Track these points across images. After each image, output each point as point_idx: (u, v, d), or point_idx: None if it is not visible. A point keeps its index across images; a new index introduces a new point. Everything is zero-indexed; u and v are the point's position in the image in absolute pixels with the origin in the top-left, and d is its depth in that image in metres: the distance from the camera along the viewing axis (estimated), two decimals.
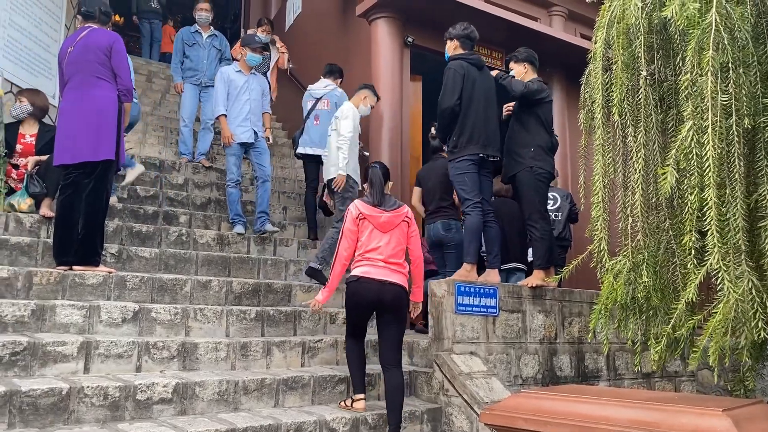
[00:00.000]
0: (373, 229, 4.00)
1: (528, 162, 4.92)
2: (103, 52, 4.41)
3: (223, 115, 5.96)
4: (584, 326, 5.22)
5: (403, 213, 4.08)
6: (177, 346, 3.83)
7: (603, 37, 3.25)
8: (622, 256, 3.17)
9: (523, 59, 5.21)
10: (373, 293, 3.89)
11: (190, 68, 7.28)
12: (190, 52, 7.31)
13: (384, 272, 3.92)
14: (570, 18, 7.96)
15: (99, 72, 4.38)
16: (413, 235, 4.11)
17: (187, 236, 5.44)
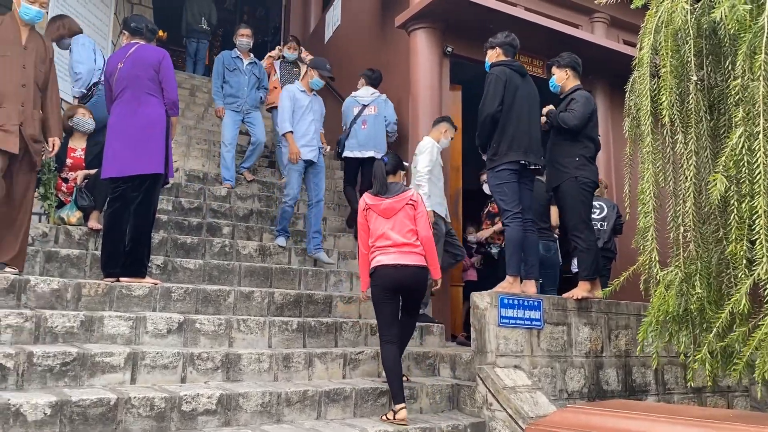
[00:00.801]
0: (377, 216, 4.20)
1: (573, 172, 4.82)
2: (152, 67, 4.51)
3: (290, 132, 5.92)
4: (631, 339, 5.09)
5: (406, 197, 4.21)
6: (221, 357, 3.86)
7: (650, 42, 3.17)
8: (674, 267, 3.06)
9: (565, 64, 5.12)
10: (391, 278, 4.03)
11: (231, 95, 7.19)
12: (230, 77, 7.24)
13: (395, 256, 4.06)
14: (612, 24, 7.82)
15: (148, 87, 4.48)
16: (419, 217, 4.21)
17: (230, 247, 5.50)
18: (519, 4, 7.06)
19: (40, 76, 4.22)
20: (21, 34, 4.15)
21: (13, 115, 3.98)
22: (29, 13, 4.16)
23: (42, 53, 4.25)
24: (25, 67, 4.10)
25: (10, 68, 4.04)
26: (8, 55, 4.05)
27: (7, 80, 4.01)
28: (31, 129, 4.09)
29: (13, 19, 4.16)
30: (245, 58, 7.36)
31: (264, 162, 8.18)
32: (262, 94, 7.45)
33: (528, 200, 4.88)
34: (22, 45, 4.13)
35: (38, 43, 4.25)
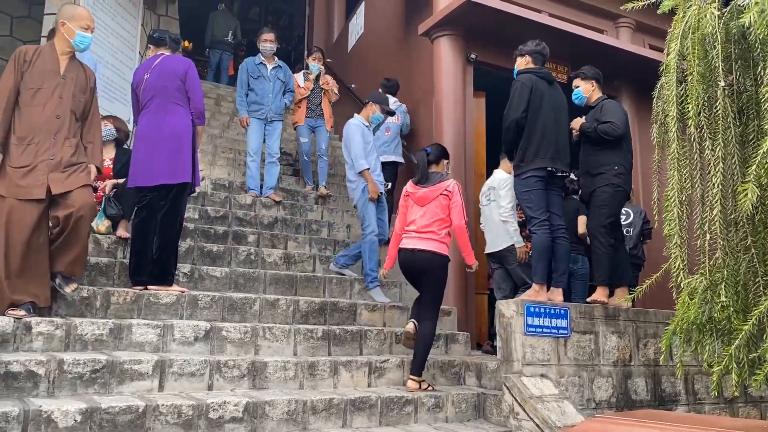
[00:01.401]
0: (413, 204, 4.59)
1: (611, 179, 4.80)
2: (179, 77, 4.58)
3: (368, 169, 5.66)
4: (660, 348, 5.00)
5: (441, 187, 4.51)
6: (247, 364, 3.89)
7: (677, 48, 3.12)
8: (699, 275, 3.01)
9: (591, 76, 5.14)
10: (407, 260, 4.50)
11: (255, 102, 7.06)
12: (255, 84, 7.10)
13: (414, 242, 4.47)
14: (638, 29, 7.75)
15: (175, 97, 4.55)
16: (453, 206, 4.50)
17: (256, 255, 5.54)
18: (543, 11, 7.03)
19: (79, 106, 3.97)
20: (60, 63, 3.93)
21: (43, 148, 3.75)
22: (85, 41, 3.99)
23: (82, 82, 4.01)
24: (61, 97, 3.86)
25: (45, 100, 3.80)
26: (44, 87, 3.82)
27: (40, 113, 3.78)
28: (66, 156, 3.83)
29: (53, 48, 3.95)
30: (269, 63, 7.23)
31: (288, 170, 8.24)
32: (287, 100, 7.32)
33: (558, 207, 4.85)
34: (60, 75, 3.90)
35: (78, 71, 4.02)
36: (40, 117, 3.77)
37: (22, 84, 3.78)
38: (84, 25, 3.96)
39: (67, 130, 3.86)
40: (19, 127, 3.75)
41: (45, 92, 3.81)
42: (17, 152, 3.71)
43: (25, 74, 3.80)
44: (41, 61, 3.86)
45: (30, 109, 3.76)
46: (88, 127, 4.08)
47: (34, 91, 3.78)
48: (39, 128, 3.76)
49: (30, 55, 3.85)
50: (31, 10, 8.02)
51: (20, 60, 3.81)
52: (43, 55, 3.89)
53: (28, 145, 3.73)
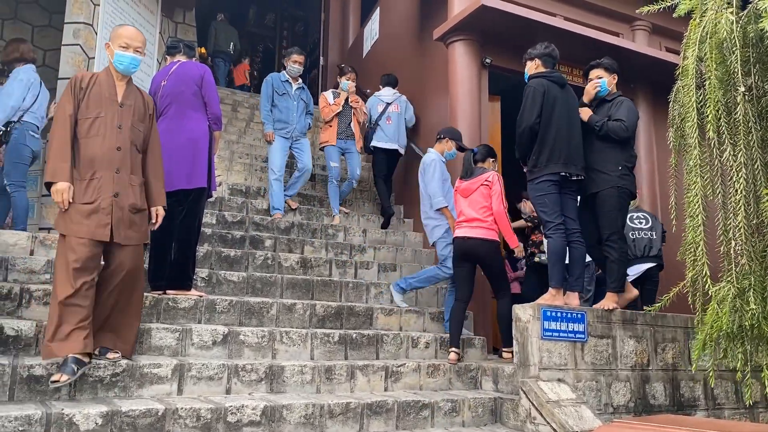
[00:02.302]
0: (459, 196, 5.19)
1: (616, 181, 4.74)
2: (195, 83, 4.63)
3: (446, 206, 5.55)
4: (678, 352, 4.97)
5: (482, 178, 5.08)
6: (264, 368, 3.92)
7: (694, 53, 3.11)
8: (726, 282, 2.98)
9: (615, 70, 5.06)
10: (460, 247, 5.04)
11: (280, 120, 6.84)
12: (280, 101, 6.88)
13: (465, 230, 5.04)
14: (654, 32, 7.70)
15: (192, 103, 4.60)
16: (493, 195, 5.05)
17: (272, 260, 5.57)
18: (558, 14, 7.02)
19: (139, 137, 3.69)
20: (117, 89, 3.63)
21: (107, 185, 3.45)
22: (123, 61, 3.63)
23: (141, 110, 3.71)
24: (121, 127, 3.56)
25: (104, 130, 3.50)
26: (102, 116, 3.52)
27: (100, 144, 3.47)
28: (130, 197, 3.54)
29: (108, 74, 3.66)
30: (294, 83, 7.01)
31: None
32: (309, 121, 7.17)
33: (572, 211, 4.83)
34: (117, 102, 3.60)
35: (137, 98, 3.72)
36: (100, 149, 3.47)
37: (79, 113, 3.50)
38: (122, 44, 3.62)
39: (129, 165, 3.57)
40: (80, 162, 3.46)
41: (103, 121, 3.52)
42: (80, 188, 3.42)
43: (81, 102, 3.52)
44: (98, 87, 3.58)
45: (89, 141, 3.48)
46: (149, 160, 3.77)
47: (92, 120, 3.50)
48: (100, 162, 3.46)
49: (86, 81, 3.57)
50: (51, 19, 8.14)
51: (76, 87, 3.54)
52: (100, 81, 3.61)
53: (91, 180, 3.44)
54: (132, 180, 3.58)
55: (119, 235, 3.45)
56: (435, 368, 4.60)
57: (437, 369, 4.61)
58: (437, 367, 4.61)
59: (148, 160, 3.76)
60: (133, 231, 3.55)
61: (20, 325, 3.56)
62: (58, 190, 3.34)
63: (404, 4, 8.39)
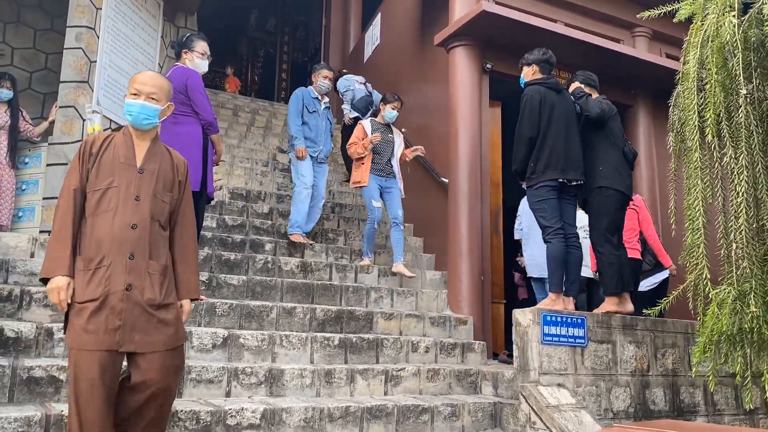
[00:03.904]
0: None
1: (597, 182, 4.79)
2: (180, 91, 4.45)
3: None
4: (678, 358, 4.97)
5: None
6: (264, 372, 3.91)
7: (696, 56, 3.12)
8: (727, 285, 2.98)
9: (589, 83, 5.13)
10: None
11: (309, 138, 6.39)
12: (309, 119, 6.44)
13: None
14: (654, 38, 7.72)
15: (179, 110, 4.42)
16: (642, 220, 5.78)
17: (273, 264, 5.57)
18: (559, 20, 7.04)
19: (163, 210, 2.82)
20: (135, 150, 2.83)
21: (117, 275, 2.63)
22: (132, 110, 2.81)
23: (167, 175, 2.88)
24: (139, 198, 2.74)
25: (117, 203, 2.70)
26: (115, 185, 2.72)
27: (110, 221, 2.67)
28: (147, 290, 2.68)
29: (127, 134, 2.87)
30: (322, 101, 6.62)
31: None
32: (331, 144, 6.83)
33: (570, 216, 4.84)
34: (136, 167, 2.79)
35: (163, 160, 2.89)
36: (109, 228, 2.66)
37: (88, 184, 2.74)
38: (133, 90, 2.84)
39: (148, 247, 2.73)
40: (85, 245, 2.67)
41: (116, 193, 2.72)
42: (83, 281, 2.62)
43: (91, 171, 2.75)
44: (111, 151, 2.79)
45: (97, 219, 2.69)
46: (178, 239, 2.91)
47: (102, 191, 2.71)
48: (109, 245, 2.65)
49: (98, 144, 2.80)
50: (53, 23, 8.16)
51: (85, 153, 2.78)
52: (115, 142, 2.83)
53: (97, 269, 2.62)
54: (150, 267, 2.72)
55: (133, 340, 2.61)
56: (435, 373, 4.59)
57: (437, 373, 4.60)
58: (437, 371, 4.61)
59: (176, 238, 2.90)
60: (157, 334, 2.67)
61: (20, 327, 3.56)
62: (53, 288, 2.59)
63: (405, 10, 8.42)
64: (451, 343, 5.12)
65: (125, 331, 2.60)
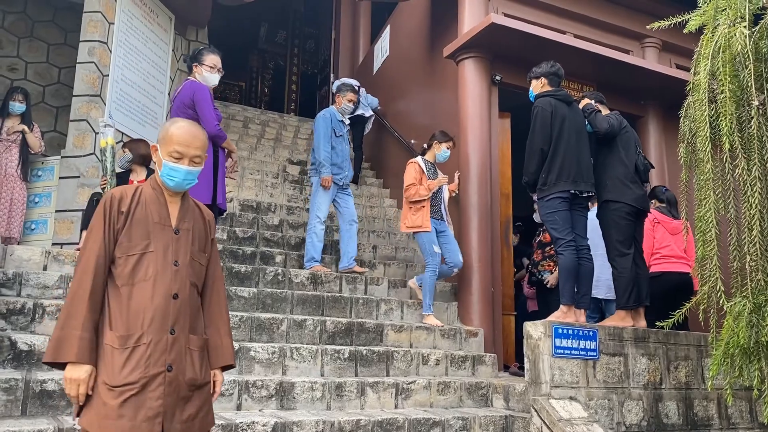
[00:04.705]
0: (666, 232, 5.64)
1: (604, 196, 4.83)
2: (188, 106, 4.51)
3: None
4: (691, 371, 4.92)
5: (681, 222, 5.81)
6: (275, 385, 3.90)
7: (706, 67, 3.11)
8: (742, 297, 2.96)
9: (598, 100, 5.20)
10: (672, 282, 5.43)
11: (335, 164, 6.16)
12: (336, 143, 6.19)
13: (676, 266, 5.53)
14: (664, 49, 7.71)
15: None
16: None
17: (283, 276, 5.58)
18: (568, 32, 7.05)
19: (200, 274, 2.49)
20: (169, 208, 2.44)
21: (157, 354, 2.24)
22: (175, 176, 2.40)
23: (201, 234, 2.52)
24: (177, 263, 2.37)
25: (156, 270, 2.32)
26: (152, 250, 2.34)
27: (150, 292, 2.29)
28: (188, 369, 2.32)
29: (157, 188, 2.46)
30: (345, 123, 6.44)
31: None
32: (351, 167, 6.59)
33: (582, 228, 4.83)
34: (171, 227, 2.42)
35: (195, 217, 2.52)
36: (149, 300, 2.29)
37: (118, 248, 2.33)
38: (174, 152, 2.40)
39: (188, 319, 2.37)
40: (118, 319, 2.26)
41: (153, 258, 2.34)
42: (118, 361, 2.21)
43: (121, 233, 2.34)
44: (142, 209, 2.39)
45: (134, 289, 2.30)
46: (210, 298, 2.54)
47: (137, 257, 2.33)
48: (149, 318, 2.27)
49: (127, 201, 2.39)
50: (66, 38, 8.27)
51: (113, 211, 2.36)
52: (145, 199, 2.42)
53: (135, 348, 2.24)
54: (191, 342, 2.37)
55: (174, 428, 2.28)
56: (446, 385, 4.57)
57: (448, 386, 4.58)
58: (448, 384, 4.58)
59: (207, 299, 2.54)
60: (197, 420, 2.36)
61: (33, 340, 3.57)
62: (74, 379, 2.15)
63: (414, 23, 8.46)
64: (461, 356, 5.10)
65: (166, 418, 2.23)
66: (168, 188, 2.43)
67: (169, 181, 2.41)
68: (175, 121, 2.49)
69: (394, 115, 8.89)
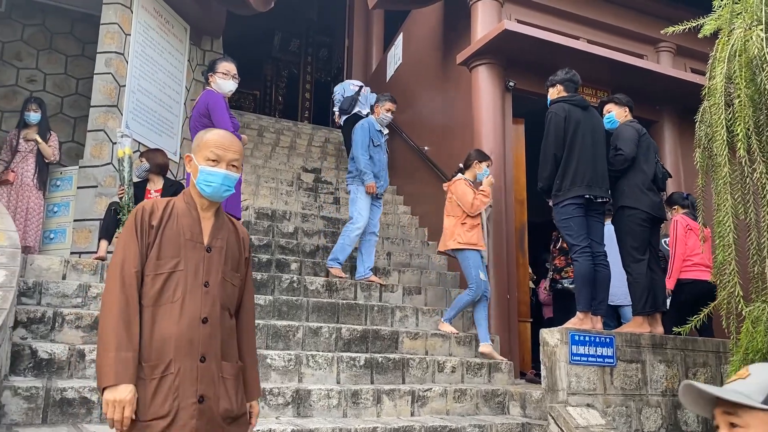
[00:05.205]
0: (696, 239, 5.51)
1: (620, 201, 4.83)
2: (203, 114, 4.60)
3: None
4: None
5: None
6: (291, 392, 3.92)
7: (722, 71, 3.10)
8: (761, 302, 2.93)
9: (625, 103, 5.17)
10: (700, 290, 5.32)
11: (374, 174, 6.16)
12: (375, 153, 6.21)
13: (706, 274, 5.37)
14: (679, 53, 7.68)
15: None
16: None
17: (298, 283, 5.60)
18: (582, 37, 7.04)
19: (233, 295, 2.26)
20: (202, 224, 2.23)
21: (187, 383, 2.05)
22: (212, 180, 2.20)
23: (235, 253, 2.29)
24: (208, 284, 2.15)
25: (184, 292, 2.11)
26: (181, 269, 2.13)
27: (177, 315, 2.08)
28: (223, 400, 2.12)
29: (189, 201, 2.25)
30: (383, 133, 6.42)
31: (329, 198, 8.34)
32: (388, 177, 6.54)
33: (598, 234, 4.80)
34: (203, 245, 2.19)
35: (229, 234, 2.30)
36: (176, 324, 2.07)
37: (147, 266, 2.13)
38: (210, 155, 2.22)
39: (219, 345, 2.15)
40: (145, 346, 2.06)
41: (183, 277, 2.13)
42: (145, 393, 2.02)
43: (151, 249, 2.14)
44: (174, 224, 2.19)
45: (158, 312, 2.09)
46: (243, 324, 2.33)
47: (165, 276, 2.12)
48: (177, 346, 2.06)
49: (158, 216, 2.18)
50: (84, 49, 8.38)
51: (144, 224, 2.16)
52: (177, 212, 2.22)
53: (163, 378, 2.04)
54: (224, 370, 2.16)
55: None
56: (462, 393, 4.55)
57: (464, 394, 4.56)
58: (464, 391, 4.57)
59: (240, 328, 2.32)
60: None
61: (53, 349, 3.62)
62: (117, 402, 1.96)
63: (427, 30, 8.48)
64: (477, 363, 5.08)
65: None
66: (204, 196, 2.22)
67: (206, 188, 2.20)
68: (209, 130, 2.33)
69: (408, 122, 8.91)
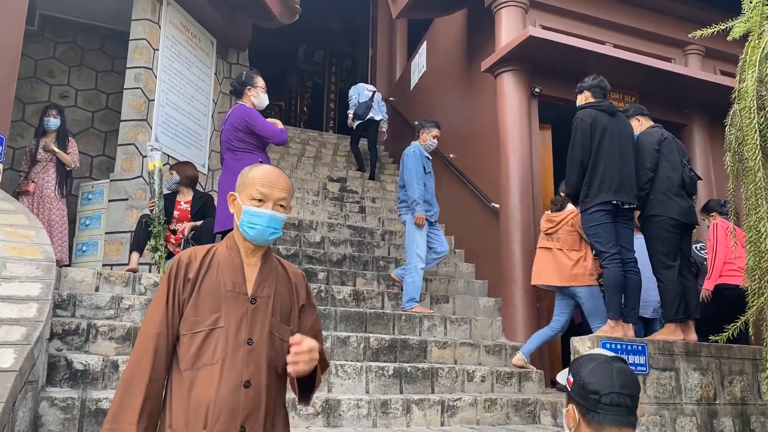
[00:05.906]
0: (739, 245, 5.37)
1: (647, 211, 4.75)
2: (239, 129, 4.67)
3: None
4: (747, 385, 4.76)
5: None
6: (321, 402, 3.93)
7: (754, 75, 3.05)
8: None
9: (632, 114, 5.15)
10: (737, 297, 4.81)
11: (426, 201, 6.04)
12: (426, 180, 6.09)
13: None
14: (708, 56, 7.56)
15: (239, 147, 4.67)
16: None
17: (326, 292, 5.62)
18: (608, 42, 6.98)
19: (282, 351, 1.90)
20: (245, 272, 1.94)
21: None
22: (257, 222, 1.92)
23: (285, 302, 1.98)
24: (251, 341, 1.85)
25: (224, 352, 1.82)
26: (222, 325, 1.84)
27: (216, 379, 1.79)
28: None
29: (233, 247, 1.97)
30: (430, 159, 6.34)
31: (355, 207, 8.37)
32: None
33: (627, 240, 4.74)
34: (247, 296, 1.90)
35: (278, 280, 2.00)
36: (215, 390, 1.79)
37: (182, 324, 1.86)
38: (256, 194, 1.93)
39: (263, 412, 1.84)
40: (179, 414, 1.79)
41: (222, 335, 1.84)
42: None
43: (187, 304, 1.88)
44: (213, 274, 1.92)
45: (196, 375, 1.81)
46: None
47: (204, 334, 1.84)
48: (215, 413, 1.77)
49: (195, 267, 1.92)
50: (114, 65, 8.55)
51: (179, 278, 1.90)
52: (218, 261, 1.95)
53: None
54: None
55: None
56: (492, 402, 4.52)
57: (494, 403, 4.53)
58: (494, 401, 4.54)
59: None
60: None
61: (88, 360, 3.68)
62: None
63: (451, 38, 8.49)
64: (507, 372, 5.05)
65: None
66: (248, 240, 1.94)
67: (250, 230, 1.92)
68: (255, 165, 2.04)
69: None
